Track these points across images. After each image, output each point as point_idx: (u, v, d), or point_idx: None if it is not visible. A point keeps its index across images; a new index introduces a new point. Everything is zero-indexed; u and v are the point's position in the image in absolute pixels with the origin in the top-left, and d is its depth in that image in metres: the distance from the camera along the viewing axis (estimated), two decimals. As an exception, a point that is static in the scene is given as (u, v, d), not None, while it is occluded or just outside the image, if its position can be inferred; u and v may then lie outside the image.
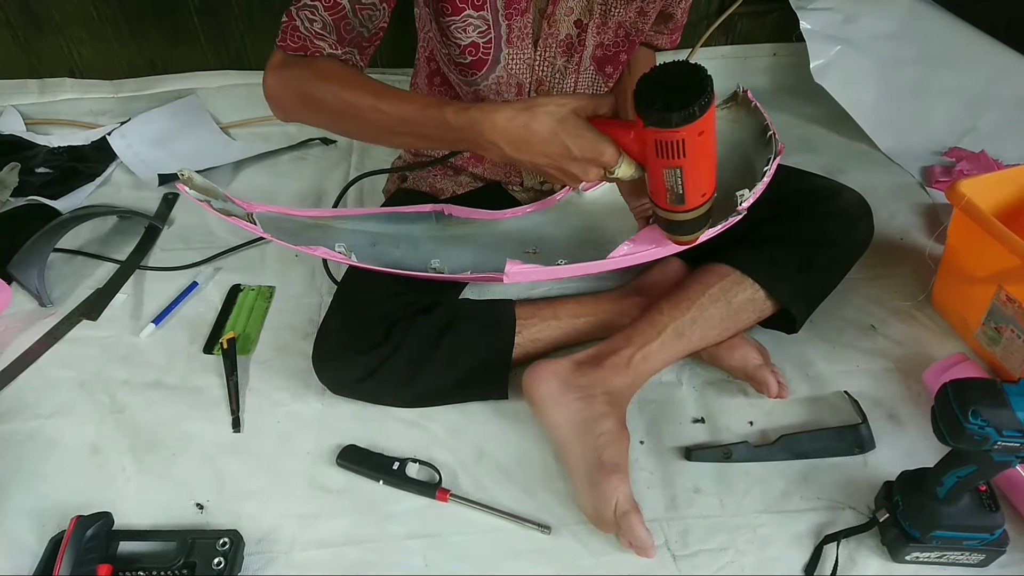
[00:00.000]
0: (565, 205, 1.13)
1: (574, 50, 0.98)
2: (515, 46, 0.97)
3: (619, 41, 1.00)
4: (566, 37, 0.97)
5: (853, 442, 0.94)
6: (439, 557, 0.86)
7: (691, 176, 0.74)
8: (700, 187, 0.76)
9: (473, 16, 0.93)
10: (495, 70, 0.99)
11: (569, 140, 0.75)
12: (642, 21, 0.99)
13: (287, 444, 0.97)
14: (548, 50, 0.98)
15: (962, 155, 1.39)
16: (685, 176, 0.74)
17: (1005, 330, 0.99)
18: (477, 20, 0.93)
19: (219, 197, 0.95)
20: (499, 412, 1.00)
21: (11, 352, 1.09)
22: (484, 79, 1.00)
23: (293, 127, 1.53)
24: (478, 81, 1.01)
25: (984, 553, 0.82)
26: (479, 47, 0.96)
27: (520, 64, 0.99)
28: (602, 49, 1.00)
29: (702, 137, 0.70)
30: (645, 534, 0.82)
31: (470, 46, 0.96)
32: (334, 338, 0.98)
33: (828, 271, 1.04)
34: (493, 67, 0.99)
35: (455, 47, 0.96)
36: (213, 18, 1.48)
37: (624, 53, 1.02)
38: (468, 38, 0.95)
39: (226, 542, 0.83)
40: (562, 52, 0.98)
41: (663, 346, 0.96)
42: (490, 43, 0.96)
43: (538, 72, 0.99)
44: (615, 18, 0.98)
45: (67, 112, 1.54)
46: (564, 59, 0.99)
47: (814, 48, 1.38)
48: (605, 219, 1.11)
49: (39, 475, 0.94)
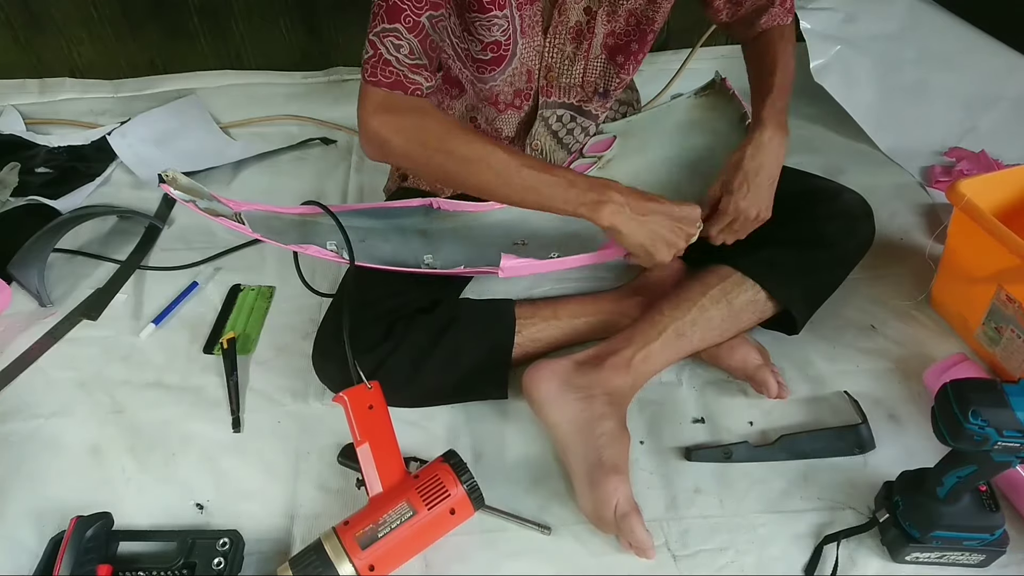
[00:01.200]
0: None
1: (583, 37, 0.98)
2: (527, 35, 0.97)
3: (630, 30, 1.00)
4: (576, 24, 0.97)
5: (853, 442, 0.94)
6: (439, 557, 0.86)
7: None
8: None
9: (499, 16, 0.93)
10: (512, 63, 0.99)
11: (666, 215, 0.91)
12: (652, 9, 0.98)
13: (287, 444, 0.97)
14: (558, 37, 0.98)
15: (962, 155, 1.39)
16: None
17: (1005, 330, 0.99)
18: (501, 20, 0.93)
19: (205, 196, 0.95)
20: (499, 412, 1.00)
21: (11, 352, 1.09)
22: (501, 74, 1.00)
23: (293, 127, 1.54)
24: (494, 77, 1.01)
25: (984, 553, 0.82)
26: (500, 45, 0.96)
27: (530, 51, 0.99)
28: (613, 38, 1.00)
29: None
30: (645, 535, 0.82)
31: (492, 44, 0.96)
32: (334, 338, 0.98)
33: (829, 272, 1.04)
34: (511, 62, 0.99)
35: (477, 43, 0.96)
36: (213, 18, 1.48)
37: (635, 43, 1.01)
38: (492, 36, 0.95)
39: (226, 542, 0.83)
40: (572, 39, 0.98)
41: (663, 347, 0.96)
42: (510, 40, 0.96)
43: (547, 59, 0.99)
44: (625, 6, 0.97)
45: (67, 112, 1.54)
46: (573, 46, 0.99)
47: (814, 48, 1.38)
48: None
49: (39, 475, 0.94)
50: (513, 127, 1.08)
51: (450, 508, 0.81)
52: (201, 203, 0.94)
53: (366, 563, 0.77)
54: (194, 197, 0.94)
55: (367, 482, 0.83)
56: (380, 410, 0.86)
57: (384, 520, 0.79)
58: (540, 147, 1.11)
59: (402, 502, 0.80)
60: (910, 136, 1.42)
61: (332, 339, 0.98)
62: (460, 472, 0.83)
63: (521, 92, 1.04)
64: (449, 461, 0.84)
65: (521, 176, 0.86)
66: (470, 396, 1.01)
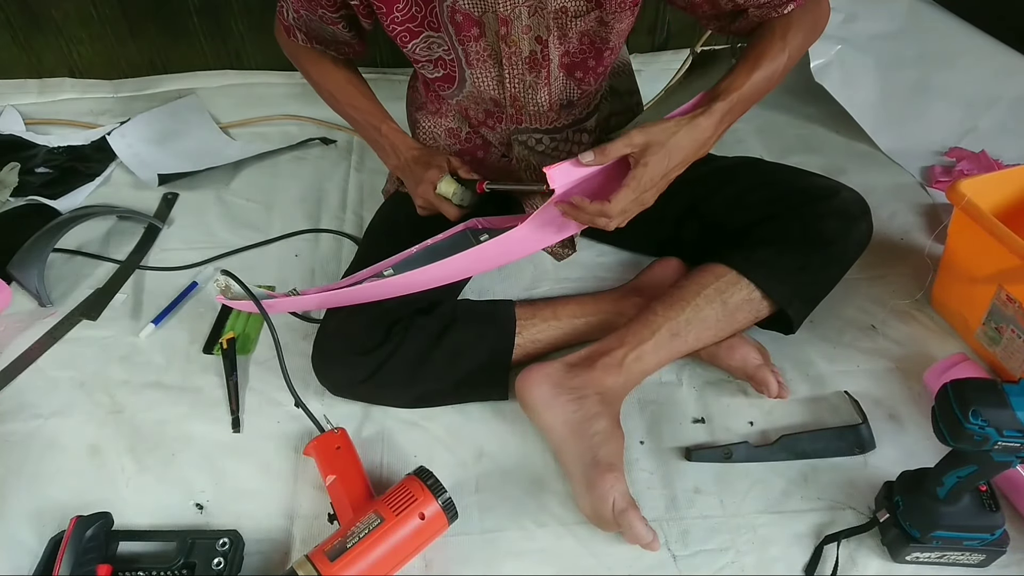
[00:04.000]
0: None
1: (540, 65, 0.96)
2: (477, 68, 0.97)
3: (584, 48, 0.98)
4: (530, 54, 0.95)
5: (853, 442, 0.94)
6: (439, 557, 0.86)
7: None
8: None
9: (434, 36, 0.94)
10: (464, 87, 1.00)
11: (423, 164, 1.01)
12: (604, 30, 0.96)
13: (287, 444, 0.97)
14: (515, 67, 0.97)
15: (962, 155, 1.39)
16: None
17: (1005, 330, 0.99)
18: (438, 39, 0.94)
19: (260, 296, 0.95)
20: (499, 412, 1.00)
21: (11, 352, 1.09)
22: (458, 92, 1.01)
23: (293, 127, 1.54)
24: (454, 94, 1.01)
25: (984, 553, 0.82)
26: (446, 63, 0.97)
27: (488, 82, 0.99)
28: (568, 57, 0.98)
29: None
30: (645, 529, 0.82)
31: (438, 60, 0.97)
32: (333, 339, 0.98)
33: (826, 271, 1.03)
34: (462, 84, 1.00)
35: (427, 64, 0.98)
36: (213, 18, 1.48)
37: (592, 59, 0.99)
38: (435, 54, 0.96)
39: (226, 542, 0.83)
40: (529, 68, 0.97)
41: (657, 346, 0.96)
42: (455, 62, 0.97)
43: (509, 89, 0.99)
44: (576, 28, 0.95)
45: (67, 112, 1.54)
46: (533, 75, 0.98)
47: (814, 48, 1.37)
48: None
49: (39, 475, 0.94)
50: (497, 143, 1.09)
51: (419, 513, 0.81)
52: (260, 292, 0.95)
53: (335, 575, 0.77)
54: (250, 299, 0.94)
55: (337, 512, 0.86)
56: (347, 449, 0.92)
57: (352, 532, 0.79)
58: (531, 164, 1.09)
59: (370, 513, 0.81)
60: (910, 136, 1.42)
61: (332, 340, 0.98)
62: (425, 479, 0.83)
63: (492, 114, 1.04)
64: (415, 473, 0.85)
65: (355, 126, 1.11)
66: (470, 397, 1.01)
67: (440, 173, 0.98)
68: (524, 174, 1.11)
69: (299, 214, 1.34)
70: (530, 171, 1.10)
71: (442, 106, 1.09)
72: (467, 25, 0.92)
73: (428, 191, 0.99)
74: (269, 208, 1.35)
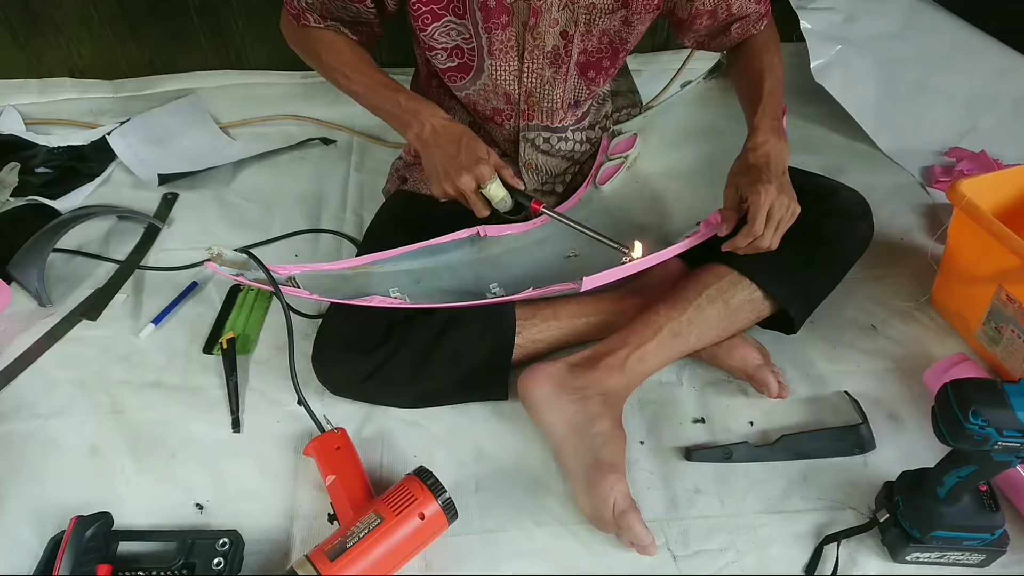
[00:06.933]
0: (586, 203, 1.13)
1: (561, 60, 0.97)
2: (498, 58, 0.97)
3: (602, 48, 0.99)
4: (552, 48, 0.96)
5: (853, 442, 0.94)
6: (439, 557, 0.86)
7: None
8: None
9: (455, 23, 0.93)
10: (480, 77, 0.99)
11: (464, 147, 0.93)
12: (626, 30, 0.98)
13: (287, 444, 0.97)
14: (535, 61, 0.97)
15: (962, 155, 1.39)
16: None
17: (1005, 330, 0.99)
18: (459, 27, 0.94)
19: (251, 268, 0.94)
20: (499, 412, 1.00)
21: (11, 352, 1.09)
22: (471, 84, 1.00)
23: (293, 127, 1.54)
24: (466, 86, 1.01)
25: (984, 553, 0.82)
26: (463, 51, 0.96)
27: (506, 75, 0.99)
28: (585, 55, 0.99)
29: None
30: (644, 532, 0.82)
31: (455, 49, 0.96)
32: (334, 339, 0.98)
33: (827, 271, 1.04)
34: (478, 75, 0.99)
35: (441, 53, 0.97)
36: (213, 18, 1.48)
37: (607, 59, 1.01)
38: (453, 41, 0.95)
39: (226, 542, 0.83)
40: (549, 63, 0.98)
41: (659, 347, 0.96)
42: (474, 51, 0.96)
43: (526, 83, 0.99)
44: (599, 26, 0.97)
45: (67, 112, 1.54)
46: (552, 70, 0.98)
47: (814, 48, 1.38)
48: (627, 206, 1.11)
49: (39, 475, 0.94)
50: (501, 140, 1.09)
51: (419, 513, 0.81)
52: (250, 275, 0.93)
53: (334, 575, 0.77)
54: (242, 271, 0.93)
55: (337, 512, 0.86)
56: (347, 449, 0.92)
57: (352, 532, 0.79)
58: (534, 164, 1.11)
59: (370, 513, 0.81)
60: (910, 136, 1.42)
61: (332, 340, 0.98)
62: (425, 479, 0.83)
63: (501, 111, 1.04)
64: (415, 473, 0.85)
65: (371, 99, 1.01)
66: (470, 397, 1.01)
67: (491, 172, 0.93)
68: (529, 174, 1.11)
69: (299, 214, 1.34)
70: (534, 171, 1.10)
71: (444, 103, 1.09)
72: (497, 12, 0.92)
73: (471, 184, 0.93)
74: (269, 208, 1.35)
